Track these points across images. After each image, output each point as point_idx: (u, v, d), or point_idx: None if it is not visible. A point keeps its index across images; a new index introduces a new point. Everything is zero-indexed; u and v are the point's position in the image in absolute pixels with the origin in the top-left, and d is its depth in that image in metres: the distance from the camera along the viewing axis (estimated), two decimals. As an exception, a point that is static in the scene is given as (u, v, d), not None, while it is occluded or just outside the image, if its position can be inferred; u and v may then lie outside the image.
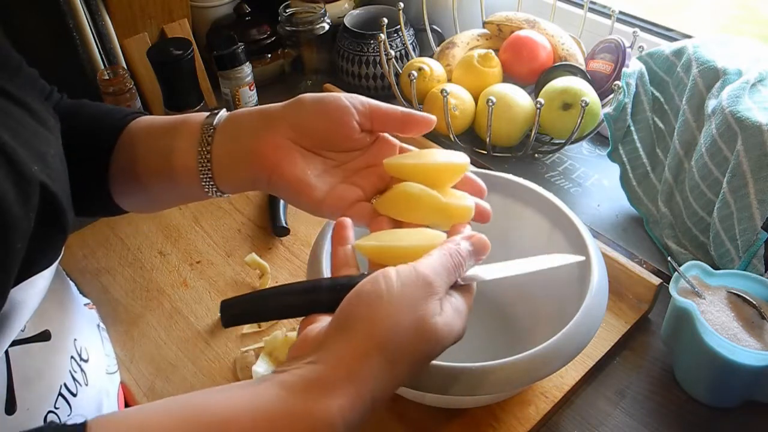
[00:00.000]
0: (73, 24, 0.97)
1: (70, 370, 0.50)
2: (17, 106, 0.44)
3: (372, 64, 1.08)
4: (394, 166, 0.51)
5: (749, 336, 0.61)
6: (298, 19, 1.08)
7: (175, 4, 1.06)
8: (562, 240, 0.66)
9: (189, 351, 0.73)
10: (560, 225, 0.67)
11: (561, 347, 0.54)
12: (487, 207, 0.51)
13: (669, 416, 0.65)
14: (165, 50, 0.96)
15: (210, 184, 0.53)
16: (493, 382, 0.52)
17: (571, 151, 0.98)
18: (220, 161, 0.51)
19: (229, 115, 0.53)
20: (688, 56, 0.80)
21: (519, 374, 0.53)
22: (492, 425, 0.64)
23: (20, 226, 0.39)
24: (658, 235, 0.82)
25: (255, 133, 0.50)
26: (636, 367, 0.70)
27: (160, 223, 0.90)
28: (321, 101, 0.50)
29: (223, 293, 0.80)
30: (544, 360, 0.53)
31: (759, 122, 0.68)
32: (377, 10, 1.14)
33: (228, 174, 0.52)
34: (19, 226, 0.39)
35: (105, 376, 0.56)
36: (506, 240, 0.68)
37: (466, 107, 0.93)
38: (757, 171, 0.68)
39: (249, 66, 1.03)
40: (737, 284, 0.66)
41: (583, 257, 0.58)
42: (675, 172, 0.81)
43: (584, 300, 0.57)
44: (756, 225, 0.68)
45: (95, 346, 0.57)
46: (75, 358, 0.52)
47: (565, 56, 0.96)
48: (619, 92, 0.82)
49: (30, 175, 0.40)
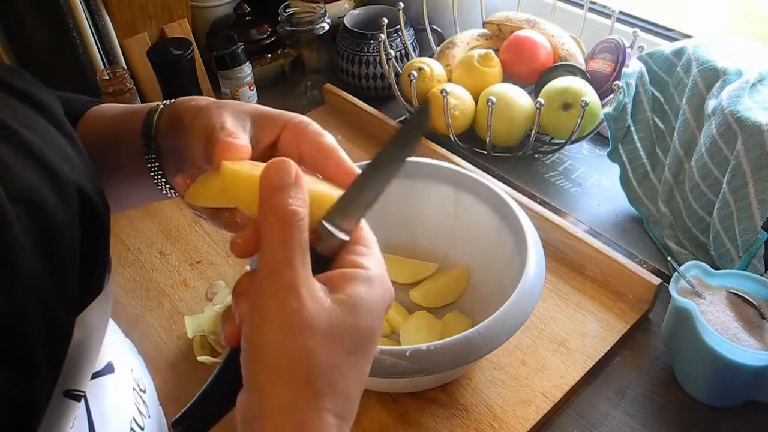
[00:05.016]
0: (73, 24, 0.97)
1: (135, 403, 0.47)
2: (28, 105, 0.39)
3: (372, 64, 1.08)
4: (229, 173, 0.38)
5: (749, 336, 0.61)
6: (298, 19, 1.08)
7: (175, 4, 1.06)
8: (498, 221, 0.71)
9: (189, 351, 0.73)
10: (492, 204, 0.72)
11: (496, 327, 0.58)
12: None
13: (669, 416, 0.65)
14: (165, 50, 0.96)
15: (159, 175, 0.48)
16: (436, 362, 0.55)
17: (571, 151, 0.98)
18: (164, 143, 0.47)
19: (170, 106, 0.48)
20: (688, 56, 0.80)
21: (454, 355, 0.56)
22: (492, 425, 0.64)
23: (68, 236, 0.34)
24: (658, 235, 0.82)
25: (198, 108, 0.45)
26: (636, 367, 0.70)
27: (160, 223, 0.90)
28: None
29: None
30: (481, 340, 0.57)
31: (759, 122, 0.68)
32: (377, 10, 1.14)
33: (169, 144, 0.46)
34: (67, 235, 0.34)
35: (158, 406, 0.54)
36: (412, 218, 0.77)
37: (466, 107, 0.93)
38: (757, 171, 0.68)
39: (249, 66, 1.03)
40: (737, 284, 0.66)
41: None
42: (675, 172, 0.81)
43: (518, 285, 0.61)
44: (756, 225, 0.68)
45: (146, 375, 0.54)
46: (136, 389, 0.49)
47: (565, 56, 0.96)
48: (619, 92, 0.82)
49: (65, 176, 0.35)
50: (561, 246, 0.80)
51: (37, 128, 0.37)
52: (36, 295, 0.31)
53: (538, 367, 0.68)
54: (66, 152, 0.38)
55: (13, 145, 0.34)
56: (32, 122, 0.37)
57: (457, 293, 0.75)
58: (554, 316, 0.73)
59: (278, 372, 0.32)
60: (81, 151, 0.40)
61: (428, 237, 0.78)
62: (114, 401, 0.44)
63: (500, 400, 0.66)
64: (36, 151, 0.34)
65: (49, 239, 0.32)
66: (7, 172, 0.31)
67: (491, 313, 0.58)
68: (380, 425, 0.64)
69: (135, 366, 0.51)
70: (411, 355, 0.55)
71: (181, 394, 0.67)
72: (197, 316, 0.74)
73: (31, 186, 0.33)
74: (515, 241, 0.67)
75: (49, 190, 0.33)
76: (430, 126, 0.93)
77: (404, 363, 0.55)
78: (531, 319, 0.69)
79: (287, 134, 0.43)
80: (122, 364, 0.47)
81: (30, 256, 0.31)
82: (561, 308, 0.74)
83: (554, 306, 0.75)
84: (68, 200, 0.35)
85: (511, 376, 0.68)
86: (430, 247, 0.78)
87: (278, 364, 0.32)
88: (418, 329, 0.70)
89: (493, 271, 0.71)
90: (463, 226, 0.75)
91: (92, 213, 0.37)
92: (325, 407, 0.32)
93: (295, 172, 0.34)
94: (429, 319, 0.72)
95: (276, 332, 0.32)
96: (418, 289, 0.75)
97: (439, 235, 0.77)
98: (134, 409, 0.47)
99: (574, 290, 0.76)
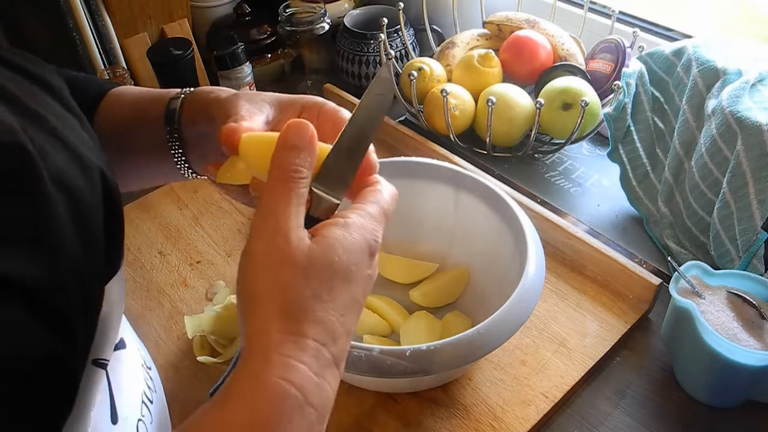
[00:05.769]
0: (73, 24, 0.97)
1: (144, 378, 0.51)
2: (46, 91, 0.41)
3: (372, 64, 1.08)
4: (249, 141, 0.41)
5: (749, 336, 0.61)
6: (298, 19, 1.08)
7: (175, 4, 1.06)
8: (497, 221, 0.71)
9: (189, 351, 0.73)
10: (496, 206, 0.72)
11: (496, 327, 0.58)
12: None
13: (669, 416, 0.65)
14: (165, 50, 0.96)
15: (182, 160, 0.51)
16: (437, 362, 0.55)
17: (571, 151, 0.98)
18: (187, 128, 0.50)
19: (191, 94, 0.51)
20: (688, 56, 0.80)
21: (454, 355, 0.56)
22: (492, 425, 0.64)
23: (95, 216, 0.37)
24: (658, 235, 0.82)
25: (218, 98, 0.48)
26: (636, 367, 0.70)
27: (160, 223, 0.90)
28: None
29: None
30: (481, 340, 0.57)
31: (759, 122, 0.68)
32: (377, 10, 1.14)
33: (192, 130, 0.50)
34: (95, 215, 0.37)
35: (161, 385, 0.56)
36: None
37: (466, 107, 0.93)
38: (757, 171, 0.68)
39: (249, 66, 1.03)
40: (737, 284, 0.66)
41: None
42: (675, 172, 0.81)
43: (519, 284, 0.61)
44: (756, 225, 0.68)
45: (148, 355, 0.57)
46: (144, 366, 0.52)
47: (565, 56, 0.96)
48: (619, 92, 0.82)
49: (89, 160, 0.38)
50: (561, 246, 0.80)
51: (57, 113, 0.39)
52: (74, 271, 0.33)
53: (538, 367, 0.68)
54: (82, 137, 0.40)
55: (45, 132, 0.36)
56: (52, 108, 0.39)
57: (457, 293, 0.75)
58: (554, 316, 0.73)
59: (258, 301, 0.35)
60: (93, 135, 0.42)
61: (428, 237, 0.78)
62: (128, 374, 0.47)
63: (500, 400, 0.66)
64: (63, 137, 0.37)
65: (81, 219, 0.35)
66: (45, 157, 0.33)
67: (491, 313, 0.58)
68: (380, 425, 0.64)
69: (140, 345, 0.54)
70: (411, 355, 0.55)
71: (182, 394, 0.67)
72: (197, 316, 0.74)
73: (64, 169, 0.35)
74: (515, 241, 0.67)
75: (77, 172, 0.36)
76: (395, 84, 0.92)
77: (404, 363, 0.55)
78: (531, 319, 0.69)
79: (307, 115, 0.46)
80: (131, 341, 0.50)
81: (69, 235, 0.33)
82: (561, 308, 0.74)
83: (554, 306, 0.75)
84: (94, 182, 0.37)
85: (511, 376, 0.68)
86: (430, 247, 0.78)
87: (258, 295, 0.35)
88: (418, 329, 0.70)
89: (493, 271, 0.71)
90: (463, 226, 0.75)
91: (111, 194, 0.40)
92: (300, 331, 0.35)
93: (310, 134, 0.38)
94: (429, 319, 0.72)
95: (257, 267, 0.36)
96: (418, 289, 0.75)
97: (439, 235, 0.77)
98: (144, 384, 0.50)
99: (574, 290, 0.76)
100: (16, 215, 0.31)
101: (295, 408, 0.33)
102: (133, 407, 0.47)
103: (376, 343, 0.67)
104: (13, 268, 0.30)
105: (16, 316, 0.30)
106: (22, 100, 0.36)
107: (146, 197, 0.93)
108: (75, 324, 0.34)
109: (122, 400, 0.45)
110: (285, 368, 0.34)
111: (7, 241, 0.30)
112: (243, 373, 0.35)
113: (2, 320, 0.29)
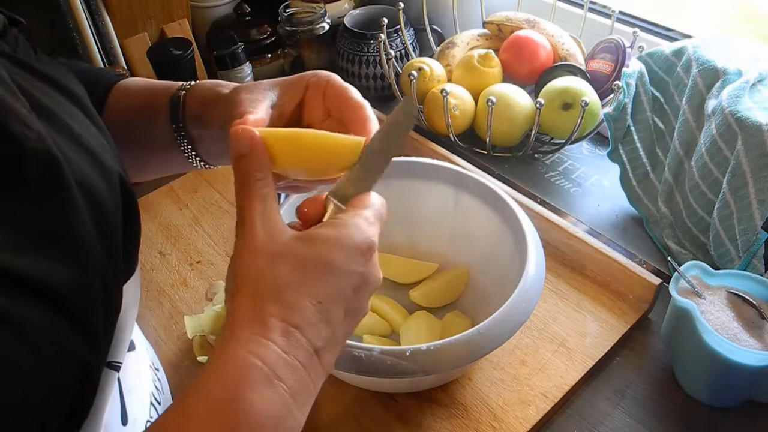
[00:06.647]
0: (73, 24, 0.98)
1: (152, 380, 0.51)
2: (67, 97, 0.41)
3: (372, 64, 1.08)
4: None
5: (749, 336, 0.61)
6: (298, 19, 1.08)
7: (175, 4, 1.06)
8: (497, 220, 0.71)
9: (189, 351, 0.73)
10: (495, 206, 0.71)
11: (496, 327, 0.58)
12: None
13: (669, 416, 0.65)
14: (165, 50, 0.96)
15: (190, 152, 0.53)
16: (439, 361, 0.55)
17: (571, 151, 0.98)
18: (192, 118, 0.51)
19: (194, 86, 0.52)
20: (688, 56, 0.80)
21: (454, 355, 0.56)
22: (492, 425, 0.64)
23: (114, 219, 0.38)
24: (658, 235, 0.82)
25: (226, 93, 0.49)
26: (636, 367, 0.70)
27: (160, 223, 0.90)
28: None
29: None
30: (481, 341, 0.57)
31: (759, 122, 0.68)
32: (377, 10, 1.14)
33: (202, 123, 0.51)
34: (114, 219, 0.38)
35: (168, 386, 0.57)
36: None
37: (466, 107, 0.93)
38: (757, 171, 0.68)
39: (249, 66, 1.03)
40: (737, 284, 0.66)
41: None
42: (675, 172, 0.81)
43: (519, 284, 0.61)
44: (756, 225, 0.68)
45: (155, 357, 0.57)
46: (152, 367, 0.52)
47: (565, 56, 0.96)
48: (619, 92, 0.82)
49: (110, 166, 0.39)
50: (561, 246, 0.80)
51: (80, 121, 0.40)
52: (98, 272, 0.35)
53: (538, 367, 0.68)
54: (102, 142, 0.41)
55: (68, 137, 0.37)
56: (74, 114, 0.40)
57: (457, 293, 0.75)
58: (554, 316, 0.73)
59: (236, 289, 0.37)
60: (110, 141, 0.43)
61: (428, 237, 0.78)
62: (137, 375, 0.48)
63: (500, 400, 0.66)
64: (85, 143, 0.38)
65: (102, 222, 0.36)
66: (69, 162, 0.34)
67: (491, 313, 0.58)
68: (380, 425, 0.64)
69: (148, 347, 0.54)
70: (411, 355, 0.55)
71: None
72: (197, 316, 0.74)
73: (86, 174, 0.36)
74: (515, 241, 0.67)
75: (99, 178, 0.37)
76: (417, 111, 0.93)
77: (404, 363, 0.55)
78: (531, 319, 0.69)
79: (311, 92, 0.47)
80: (140, 343, 0.51)
81: (92, 238, 0.35)
82: (561, 308, 0.74)
83: (554, 306, 0.75)
84: (114, 187, 0.39)
85: (511, 376, 0.68)
86: (430, 247, 0.78)
87: (236, 284, 0.38)
88: (418, 329, 0.70)
89: (493, 271, 0.71)
90: (463, 226, 0.75)
91: (129, 198, 0.41)
92: (267, 310, 0.36)
93: (248, 141, 0.39)
94: (429, 319, 0.72)
95: (235, 260, 0.38)
96: (418, 289, 0.75)
97: (439, 235, 0.77)
98: (152, 386, 0.50)
99: (574, 290, 0.76)
100: (46, 220, 0.32)
101: (262, 379, 0.34)
102: (142, 408, 0.47)
103: (376, 343, 0.67)
104: (42, 272, 0.30)
105: (47, 321, 0.30)
106: (51, 108, 0.37)
107: (146, 197, 0.93)
108: (98, 327, 0.35)
109: (132, 401, 0.46)
110: (250, 342, 0.35)
111: (37, 246, 0.31)
112: (215, 349, 0.37)
113: (34, 326, 0.29)
